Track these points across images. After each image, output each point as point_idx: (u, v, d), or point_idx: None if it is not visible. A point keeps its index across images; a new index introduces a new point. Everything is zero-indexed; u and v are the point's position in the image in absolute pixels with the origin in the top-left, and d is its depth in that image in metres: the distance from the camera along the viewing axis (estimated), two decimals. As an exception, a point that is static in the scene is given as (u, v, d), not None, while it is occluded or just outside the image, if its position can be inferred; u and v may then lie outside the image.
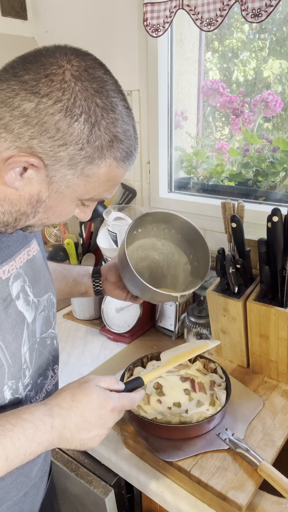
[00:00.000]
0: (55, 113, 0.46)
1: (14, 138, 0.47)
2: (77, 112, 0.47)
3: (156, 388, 0.94)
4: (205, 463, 0.79)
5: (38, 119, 0.46)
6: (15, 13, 1.52)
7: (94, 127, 0.48)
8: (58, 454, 0.98)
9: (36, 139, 0.47)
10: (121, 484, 0.92)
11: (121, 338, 1.28)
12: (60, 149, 0.48)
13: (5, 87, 0.47)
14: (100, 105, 0.49)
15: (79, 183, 0.52)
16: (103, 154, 0.51)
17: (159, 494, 0.80)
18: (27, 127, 0.46)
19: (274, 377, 1.03)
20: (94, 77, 0.49)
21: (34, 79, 0.46)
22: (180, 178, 1.53)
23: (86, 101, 0.47)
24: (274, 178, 1.33)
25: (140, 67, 1.33)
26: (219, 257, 1.02)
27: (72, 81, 0.47)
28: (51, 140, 0.47)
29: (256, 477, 0.76)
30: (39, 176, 0.50)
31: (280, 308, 0.93)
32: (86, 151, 0.49)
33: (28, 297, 0.64)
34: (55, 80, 0.46)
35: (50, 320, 0.71)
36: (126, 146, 0.53)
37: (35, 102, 0.46)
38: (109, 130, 0.50)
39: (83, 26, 1.43)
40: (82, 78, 0.48)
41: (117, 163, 0.53)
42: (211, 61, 1.46)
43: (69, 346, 1.27)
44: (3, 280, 0.58)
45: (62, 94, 0.46)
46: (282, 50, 1.29)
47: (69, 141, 0.48)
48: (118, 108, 0.51)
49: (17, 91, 0.46)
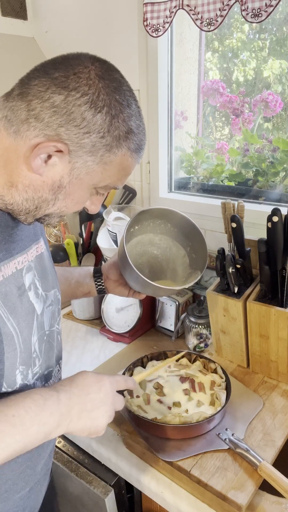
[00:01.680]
0: (81, 104, 0.52)
1: (43, 127, 0.53)
2: (100, 105, 0.53)
3: (156, 388, 0.94)
4: (205, 463, 0.79)
5: (66, 109, 0.52)
6: (15, 13, 1.51)
7: (114, 119, 0.55)
8: (58, 454, 0.98)
9: (63, 127, 0.53)
10: (121, 484, 0.92)
11: (121, 338, 1.28)
12: (84, 136, 0.54)
13: (37, 83, 0.53)
14: (119, 100, 0.55)
15: (97, 170, 0.58)
16: (120, 144, 0.57)
17: (159, 494, 0.80)
18: (56, 116, 0.52)
19: (274, 377, 1.03)
20: (114, 77, 0.56)
21: (64, 76, 0.53)
22: (180, 178, 1.53)
23: (108, 96, 0.54)
24: (274, 178, 1.33)
25: (140, 67, 1.33)
26: (219, 257, 1.02)
27: (96, 79, 0.54)
28: (77, 128, 0.53)
29: (256, 477, 0.76)
30: (62, 162, 0.55)
31: (280, 308, 0.93)
32: (106, 140, 0.55)
33: (37, 290, 0.67)
34: (82, 77, 0.53)
35: (55, 316, 0.74)
36: (138, 139, 0.59)
37: (65, 95, 0.52)
38: (125, 122, 0.56)
39: (83, 26, 1.43)
40: (104, 77, 0.55)
41: (130, 153, 0.59)
42: (211, 61, 1.46)
43: (69, 346, 1.27)
44: (18, 270, 0.62)
45: (88, 89, 0.53)
46: (282, 50, 1.29)
47: (93, 129, 0.54)
48: (132, 106, 0.58)
49: (48, 86, 0.52)
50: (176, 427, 0.83)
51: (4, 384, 0.59)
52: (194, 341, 1.18)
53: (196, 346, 1.18)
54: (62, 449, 0.99)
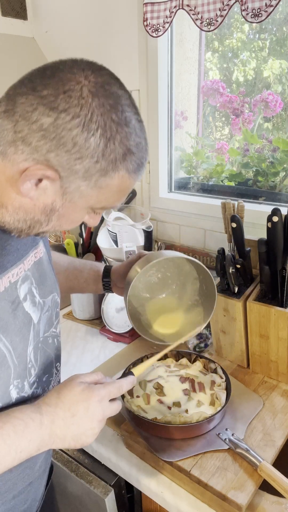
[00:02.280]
0: (72, 128, 0.48)
1: (31, 151, 0.49)
2: (94, 127, 0.49)
3: (156, 388, 0.94)
4: (205, 463, 0.79)
5: (55, 133, 0.48)
6: (15, 13, 1.52)
7: (109, 141, 0.50)
8: (58, 454, 0.98)
9: (53, 152, 0.48)
10: (121, 484, 0.92)
11: (121, 338, 1.28)
12: (76, 162, 0.50)
13: (24, 101, 0.48)
14: (115, 120, 0.50)
15: (92, 194, 0.54)
16: (117, 167, 0.52)
17: (159, 494, 0.80)
18: (44, 140, 0.48)
19: (274, 377, 1.03)
20: (110, 93, 0.50)
21: (53, 95, 0.47)
22: (180, 178, 1.53)
23: (102, 117, 0.49)
24: (274, 178, 1.33)
25: (140, 67, 1.33)
26: (219, 257, 1.02)
27: (89, 97, 0.48)
28: (68, 154, 0.49)
29: (256, 477, 0.76)
30: (54, 187, 0.52)
31: (280, 308, 0.93)
32: (101, 164, 0.51)
33: (34, 298, 0.65)
34: (73, 96, 0.48)
35: (52, 320, 0.73)
36: (137, 158, 0.54)
37: (54, 117, 0.47)
38: (123, 143, 0.51)
39: (83, 26, 1.43)
40: (98, 94, 0.49)
41: (129, 174, 0.54)
42: (211, 61, 1.46)
43: (69, 346, 1.27)
44: (12, 283, 0.60)
45: (80, 110, 0.48)
46: (282, 50, 1.29)
47: (85, 154, 0.49)
48: (132, 122, 0.53)
49: (35, 106, 0.47)
50: (176, 427, 0.82)
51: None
52: (194, 341, 1.18)
53: (196, 346, 1.18)
54: (62, 449, 0.99)
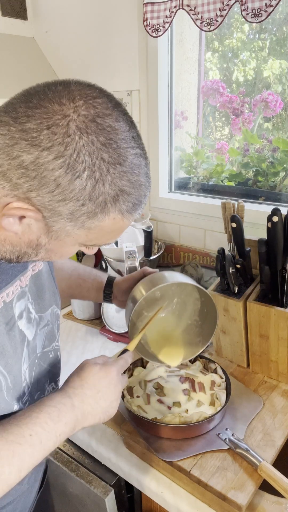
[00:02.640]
0: (55, 168, 0.44)
1: (12, 188, 0.45)
2: (80, 169, 0.44)
3: (156, 388, 0.94)
4: (205, 463, 0.79)
5: (37, 172, 0.44)
6: (15, 13, 1.52)
7: (98, 183, 0.46)
8: (58, 454, 0.98)
9: (34, 192, 0.45)
10: (121, 484, 0.92)
11: (121, 338, 1.28)
12: (59, 204, 0.46)
13: (5, 132, 0.44)
14: (107, 159, 0.46)
15: (80, 234, 0.51)
16: (107, 209, 0.48)
17: (159, 494, 0.80)
18: (25, 179, 0.45)
19: (274, 377, 1.03)
20: (103, 127, 0.45)
21: (36, 130, 0.43)
22: (180, 178, 1.53)
23: (91, 156, 0.45)
24: (274, 178, 1.33)
25: (140, 67, 1.33)
26: (219, 257, 1.02)
27: (76, 134, 0.44)
28: (50, 195, 0.45)
29: (256, 477, 0.76)
30: (38, 224, 0.49)
31: (280, 308, 0.93)
32: (87, 207, 0.47)
33: (30, 314, 0.64)
34: (58, 133, 0.43)
35: (54, 334, 0.72)
36: (134, 197, 0.50)
37: (35, 155, 0.43)
38: (114, 184, 0.47)
39: (83, 26, 1.43)
40: (88, 131, 0.44)
41: (122, 215, 0.50)
42: (211, 61, 1.46)
43: (69, 346, 1.27)
44: (7, 303, 0.58)
45: (64, 149, 0.44)
46: (282, 50, 1.29)
47: (69, 197, 0.46)
48: (128, 159, 0.48)
49: (16, 140, 0.44)
50: (176, 427, 0.83)
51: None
52: (194, 341, 1.18)
53: (196, 346, 1.18)
54: (62, 449, 0.99)
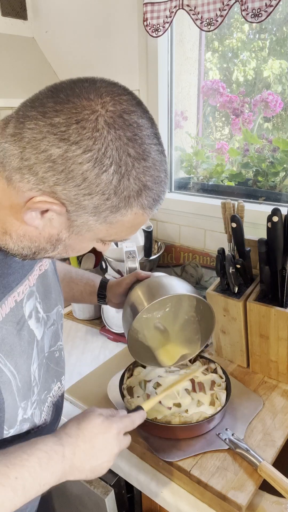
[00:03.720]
0: (83, 162, 0.44)
1: (37, 181, 0.46)
2: (107, 163, 0.45)
3: (156, 388, 0.94)
4: (205, 463, 0.79)
5: (64, 166, 0.44)
6: (15, 13, 1.51)
7: (123, 178, 0.47)
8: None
9: (60, 186, 0.45)
10: (121, 484, 0.92)
11: (121, 338, 1.27)
12: (85, 197, 0.47)
13: (32, 127, 0.44)
14: (132, 154, 0.46)
15: (101, 228, 0.51)
16: (130, 204, 0.49)
17: (159, 494, 0.80)
18: (52, 172, 0.45)
19: (274, 377, 1.03)
20: (129, 123, 0.46)
21: (65, 124, 0.44)
22: (180, 178, 1.53)
23: (118, 151, 0.45)
24: (274, 178, 1.33)
25: (140, 67, 1.33)
26: (219, 257, 1.02)
27: (105, 129, 0.44)
28: (77, 189, 0.46)
29: (256, 477, 0.76)
30: (60, 218, 0.49)
31: (280, 308, 0.93)
32: (112, 201, 0.48)
33: (38, 314, 0.64)
34: (87, 128, 0.44)
35: (58, 333, 0.72)
36: (155, 193, 0.51)
37: (63, 149, 0.44)
38: (138, 179, 0.48)
39: (83, 26, 1.43)
40: (116, 126, 0.45)
41: (143, 211, 0.51)
42: (211, 61, 1.46)
43: (69, 346, 1.27)
44: (17, 303, 0.57)
45: (93, 143, 0.44)
46: (282, 50, 1.29)
47: (95, 191, 0.46)
48: (151, 155, 0.48)
49: (45, 134, 0.44)
50: (176, 427, 0.83)
51: (5, 427, 0.56)
52: (194, 341, 1.18)
53: (196, 346, 1.18)
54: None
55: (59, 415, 0.77)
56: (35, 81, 1.49)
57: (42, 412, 0.68)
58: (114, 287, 0.90)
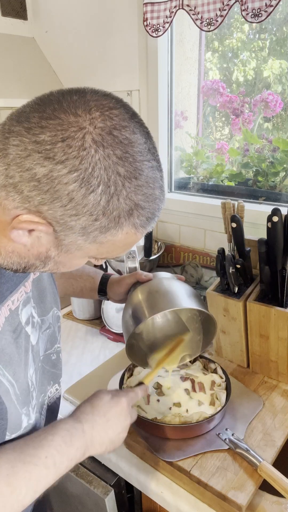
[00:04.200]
0: (69, 182, 0.43)
1: (23, 200, 0.44)
2: (95, 183, 0.43)
3: (156, 388, 0.94)
4: (205, 463, 0.79)
5: (50, 186, 0.43)
6: (15, 13, 1.52)
7: (112, 198, 0.45)
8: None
9: (46, 205, 0.44)
10: (121, 484, 0.92)
11: (121, 338, 1.27)
12: (71, 218, 0.45)
13: (17, 143, 0.43)
14: (122, 173, 0.44)
15: (91, 248, 0.50)
16: (120, 224, 0.47)
17: (159, 494, 0.80)
18: (37, 192, 0.43)
19: (274, 377, 1.03)
20: (119, 140, 0.44)
21: (50, 142, 0.42)
22: (180, 178, 1.53)
23: (106, 171, 0.43)
24: (274, 178, 1.33)
25: (140, 67, 1.33)
26: (219, 257, 1.02)
27: (92, 148, 0.43)
28: (63, 209, 0.44)
29: (256, 477, 0.76)
30: (48, 237, 0.48)
31: (280, 308, 0.93)
32: (101, 222, 0.46)
33: (33, 319, 0.64)
34: (73, 146, 0.42)
35: (55, 336, 0.73)
36: (148, 211, 0.49)
37: (48, 168, 0.42)
38: (129, 199, 0.46)
39: (83, 26, 1.43)
40: (104, 144, 0.43)
41: (135, 230, 0.49)
42: (211, 61, 1.46)
43: (69, 346, 1.27)
44: (13, 311, 0.57)
45: (79, 163, 0.42)
46: (282, 50, 1.29)
47: (83, 212, 0.45)
48: (144, 172, 0.46)
49: (29, 152, 0.42)
50: (176, 427, 0.83)
51: (7, 433, 0.57)
52: (194, 341, 1.18)
53: (196, 346, 1.18)
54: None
55: (55, 418, 0.77)
56: (35, 81, 1.49)
57: (41, 416, 0.69)
58: (114, 286, 0.89)
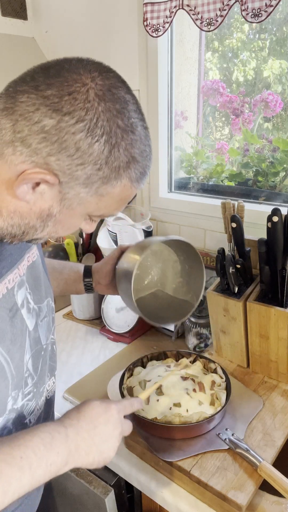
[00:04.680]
0: (76, 132, 0.46)
1: (30, 153, 0.46)
2: (99, 133, 0.47)
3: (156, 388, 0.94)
4: (205, 463, 0.79)
5: (58, 136, 0.46)
6: (15, 13, 1.52)
7: (114, 148, 0.48)
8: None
9: (54, 156, 0.47)
10: (121, 484, 0.92)
11: (121, 338, 1.28)
12: (77, 168, 0.48)
13: (25, 100, 0.46)
14: (121, 126, 0.48)
15: (92, 201, 0.52)
16: (119, 175, 0.51)
17: (159, 494, 0.80)
18: (45, 143, 0.46)
19: (274, 377, 1.03)
20: (117, 97, 0.49)
21: (57, 96, 0.45)
22: (180, 178, 1.53)
23: (108, 122, 0.47)
24: (274, 178, 1.33)
25: (140, 67, 1.33)
26: (219, 257, 1.02)
27: (95, 101, 0.47)
28: (70, 159, 0.47)
29: (256, 477, 0.76)
30: (52, 191, 0.50)
31: (280, 308, 0.93)
32: (103, 172, 0.49)
33: (29, 304, 0.64)
34: (79, 99, 0.46)
35: (50, 326, 0.72)
36: (141, 166, 0.53)
37: (56, 119, 0.45)
38: (127, 151, 0.50)
39: (83, 26, 1.43)
40: (105, 98, 0.47)
41: (131, 183, 0.53)
42: (211, 61, 1.46)
43: (69, 346, 1.27)
44: (9, 290, 0.58)
45: (85, 114, 0.46)
46: (282, 50, 1.29)
47: (88, 161, 0.48)
48: (138, 129, 0.51)
49: (37, 106, 0.45)
50: (176, 427, 0.83)
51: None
52: (194, 341, 1.18)
53: (196, 346, 1.18)
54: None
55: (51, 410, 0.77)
56: (35, 81, 1.49)
57: (37, 406, 0.68)
58: (101, 267, 0.89)
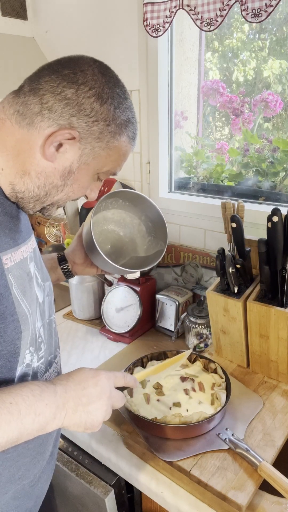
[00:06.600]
0: (90, 96, 0.60)
1: (57, 117, 0.59)
2: (105, 97, 0.61)
3: (156, 388, 0.94)
4: (205, 463, 0.79)
5: (77, 101, 0.59)
6: (15, 13, 1.51)
7: (117, 109, 0.63)
8: (58, 454, 0.98)
9: (75, 116, 0.60)
10: (121, 484, 0.92)
11: (121, 338, 1.28)
12: (93, 124, 0.61)
13: (48, 79, 0.60)
14: (120, 94, 0.63)
15: (103, 155, 0.65)
16: (122, 131, 0.64)
17: (159, 494, 0.80)
18: (68, 107, 0.59)
19: (274, 377, 1.03)
20: (112, 75, 0.64)
21: (72, 72, 0.60)
22: (180, 178, 1.53)
23: (111, 90, 0.62)
24: (274, 178, 1.33)
25: (140, 67, 1.33)
26: (219, 257, 1.02)
27: (99, 75, 0.62)
28: (87, 117, 0.60)
29: (256, 477, 0.76)
30: (73, 149, 0.62)
31: (280, 308, 0.93)
32: (111, 127, 0.63)
33: (37, 280, 0.71)
34: (88, 74, 0.61)
35: (52, 305, 0.77)
36: (133, 128, 0.67)
37: (75, 88, 0.59)
38: (125, 113, 0.64)
39: (83, 26, 1.43)
40: (105, 74, 0.63)
41: (129, 140, 0.67)
42: (211, 61, 1.46)
43: (69, 346, 1.27)
44: (24, 258, 0.66)
45: (94, 83, 0.60)
46: (282, 50, 1.29)
47: (100, 118, 0.61)
48: (128, 99, 0.66)
49: (59, 81, 0.59)
50: (176, 427, 0.83)
51: (19, 358, 0.61)
52: (194, 341, 1.18)
53: (196, 346, 1.18)
54: (62, 449, 0.99)
55: None
56: (35, 81, 1.49)
57: (47, 373, 0.72)
58: (71, 249, 0.96)
